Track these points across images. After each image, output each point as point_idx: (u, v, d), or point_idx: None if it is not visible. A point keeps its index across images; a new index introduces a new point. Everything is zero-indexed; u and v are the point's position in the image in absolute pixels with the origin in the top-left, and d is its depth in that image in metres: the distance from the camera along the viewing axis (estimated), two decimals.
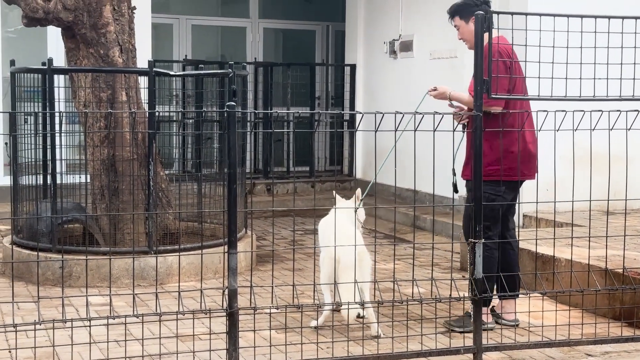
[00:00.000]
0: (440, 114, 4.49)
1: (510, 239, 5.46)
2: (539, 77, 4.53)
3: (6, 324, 4.21)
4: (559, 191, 4.82)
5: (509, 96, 4.76)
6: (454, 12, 5.53)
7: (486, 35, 5.24)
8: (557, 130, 4.55)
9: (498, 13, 4.45)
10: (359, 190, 5.58)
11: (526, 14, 4.68)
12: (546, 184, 5.20)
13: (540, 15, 4.51)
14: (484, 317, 5.12)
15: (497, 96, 4.59)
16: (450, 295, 4.67)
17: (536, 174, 5.36)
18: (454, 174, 5.37)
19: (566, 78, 4.51)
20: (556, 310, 5.28)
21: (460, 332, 5.13)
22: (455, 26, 5.57)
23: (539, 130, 4.55)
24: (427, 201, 9.42)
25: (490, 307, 5.49)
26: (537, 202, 4.82)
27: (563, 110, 4.54)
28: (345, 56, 12.55)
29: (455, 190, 5.41)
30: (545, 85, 4.56)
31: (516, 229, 5.56)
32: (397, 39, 10.90)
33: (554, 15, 4.57)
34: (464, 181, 5.48)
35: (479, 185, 4.60)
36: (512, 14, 4.52)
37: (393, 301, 4.65)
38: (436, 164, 4.75)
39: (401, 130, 4.71)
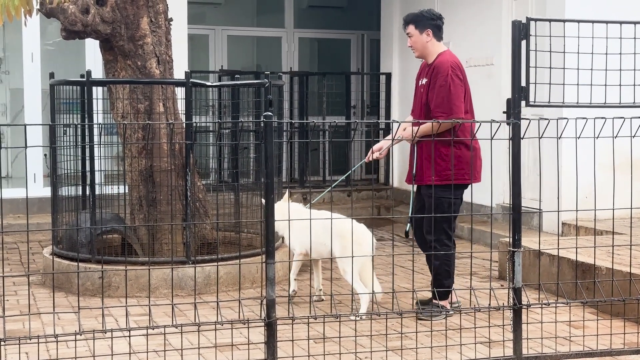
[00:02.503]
0: (477, 122, 4.47)
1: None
2: (577, 84, 4.49)
3: (47, 334, 4.25)
4: (599, 199, 4.77)
5: (548, 104, 4.71)
6: (410, 20, 5.97)
7: (438, 45, 5.89)
8: (597, 138, 4.50)
9: (535, 20, 4.42)
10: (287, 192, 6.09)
11: (564, 21, 4.64)
12: (585, 192, 5.14)
13: (579, 21, 4.47)
14: (446, 306, 5.77)
15: (537, 103, 4.54)
16: (490, 304, 4.63)
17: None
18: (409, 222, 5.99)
19: (605, 85, 4.47)
20: (597, 320, 5.22)
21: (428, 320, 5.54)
22: (407, 33, 5.98)
23: (578, 138, 4.50)
24: (464, 209, 9.35)
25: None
26: (576, 210, 4.76)
27: (602, 117, 4.49)
28: (380, 65, 12.54)
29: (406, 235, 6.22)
30: (584, 92, 4.51)
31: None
32: None
33: (593, 22, 4.53)
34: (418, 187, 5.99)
35: (517, 193, 4.56)
36: (550, 20, 4.49)
37: (432, 310, 4.62)
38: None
39: (439, 139, 4.71)
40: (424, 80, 5.95)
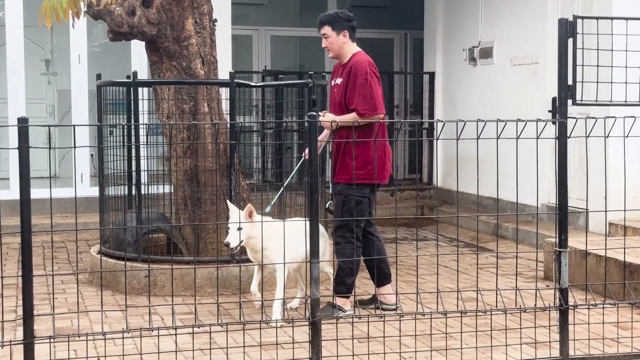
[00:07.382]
0: (523, 121, 4.44)
1: (375, 233, 6.05)
2: (625, 83, 4.43)
3: (95, 332, 4.31)
4: None
5: (595, 102, 4.65)
6: (326, 21, 5.99)
7: (353, 45, 6.03)
8: None
9: (583, 18, 4.37)
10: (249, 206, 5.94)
11: (612, 18, 4.59)
12: (633, 191, 5.07)
13: (627, 19, 4.42)
14: (345, 305, 5.79)
15: (584, 101, 4.49)
16: (535, 304, 4.59)
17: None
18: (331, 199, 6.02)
19: None
20: None
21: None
22: (323, 35, 5.99)
23: (626, 137, 4.45)
24: (508, 209, 9.29)
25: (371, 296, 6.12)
26: (624, 210, 4.70)
27: None
28: (424, 64, 12.48)
29: (330, 211, 6.08)
30: (632, 90, 4.46)
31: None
32: (476, 46, 10.79)
33: None
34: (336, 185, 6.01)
35: (564, 192, 4.52)
36: (598, 18, 4.44)
37: (477, 311, 4.60)
38: (518, 171, 4.68)
39: (483, 138, 4.67)
40: (339, 80, 6.03)
